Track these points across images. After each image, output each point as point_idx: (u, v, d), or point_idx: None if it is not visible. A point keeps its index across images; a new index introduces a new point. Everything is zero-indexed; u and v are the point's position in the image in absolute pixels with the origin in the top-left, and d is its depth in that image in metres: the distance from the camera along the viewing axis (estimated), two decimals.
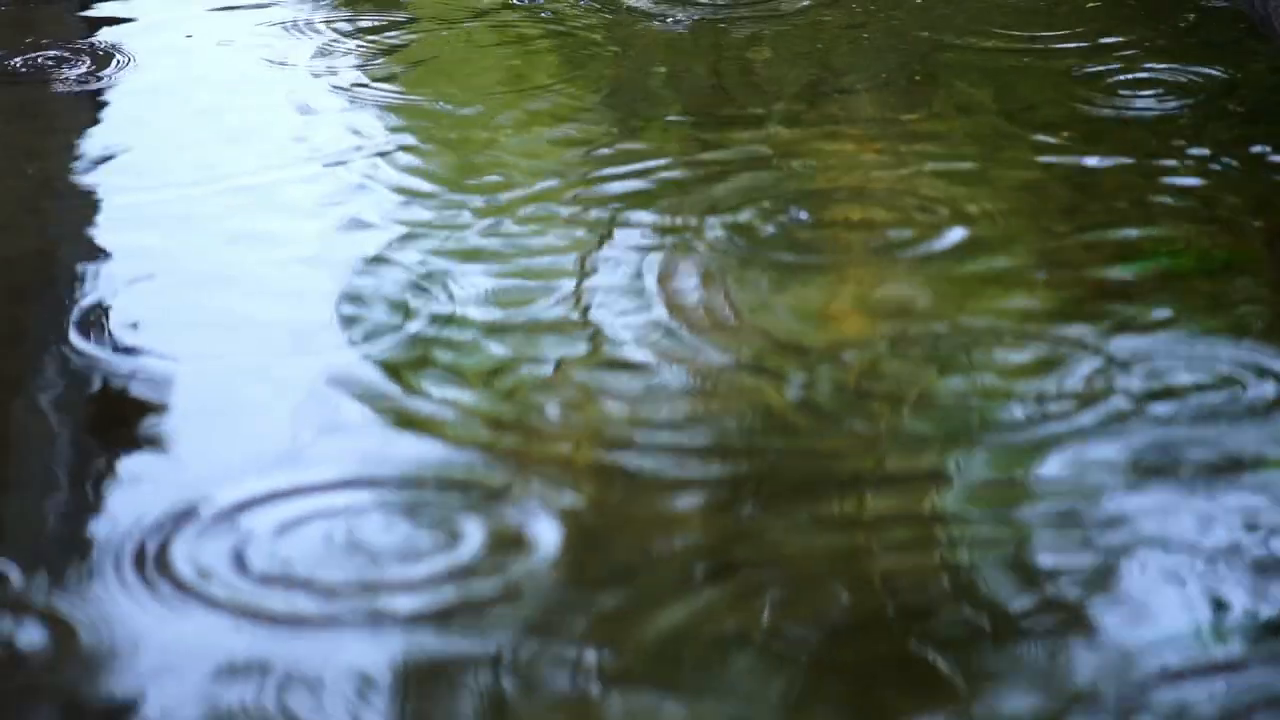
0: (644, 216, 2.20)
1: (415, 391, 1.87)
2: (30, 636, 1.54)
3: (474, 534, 1.64)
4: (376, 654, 1.51)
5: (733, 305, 2.03)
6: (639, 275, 2.07)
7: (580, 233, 2.18)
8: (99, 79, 2.72)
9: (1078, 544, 1.61)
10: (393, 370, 1.90)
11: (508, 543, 1.63)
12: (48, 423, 1.87)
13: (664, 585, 1.58)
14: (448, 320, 1.99)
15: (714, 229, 2.16)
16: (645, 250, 2.12)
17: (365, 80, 2.70)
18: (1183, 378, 1.82)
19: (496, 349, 1.95)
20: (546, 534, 1.64)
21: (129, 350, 1.98)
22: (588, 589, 1.58)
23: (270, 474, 1.74)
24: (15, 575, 1.62)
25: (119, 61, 2.78)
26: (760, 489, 1.72)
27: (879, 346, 1.92)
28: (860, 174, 2.32)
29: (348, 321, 2.00)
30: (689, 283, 2.06)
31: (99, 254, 2.22)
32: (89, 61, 2.78)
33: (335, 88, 2.67)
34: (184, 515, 1.67)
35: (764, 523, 1.67)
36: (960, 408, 1.81)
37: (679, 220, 2.18)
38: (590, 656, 1.50)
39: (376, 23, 2.94)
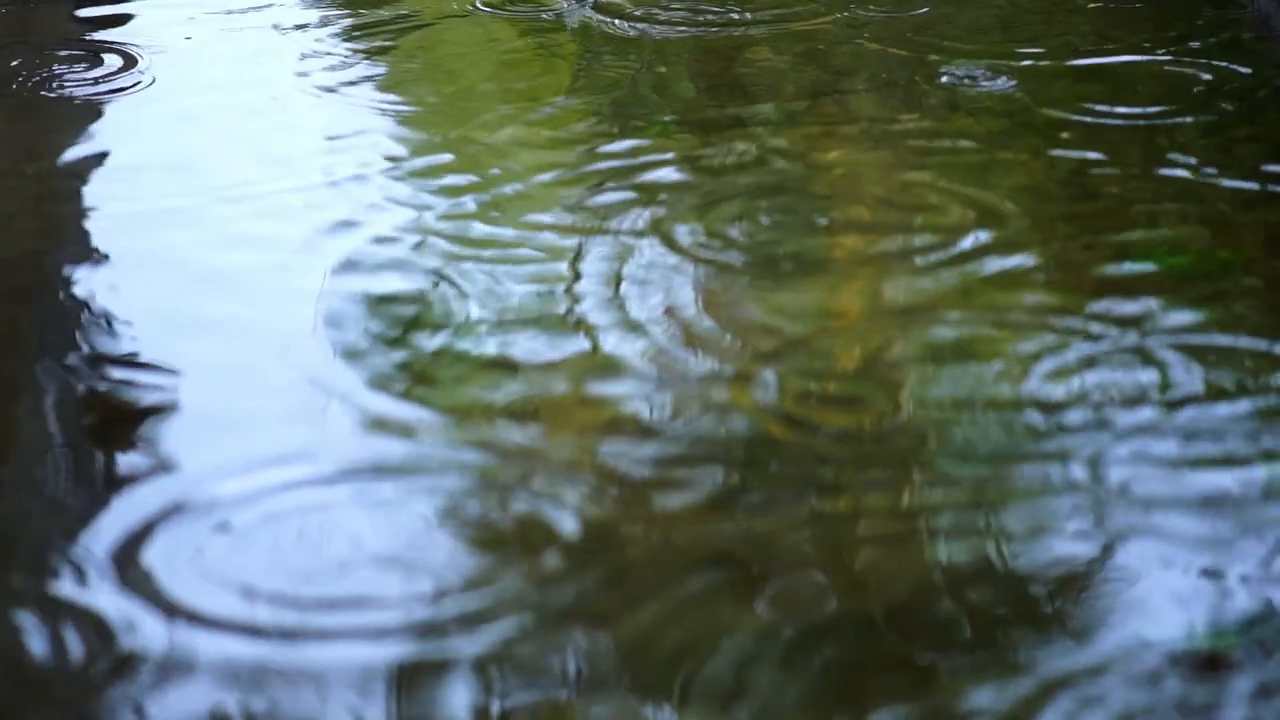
0: (642, 218, 2.20)
1: (410, 394, 1.87)
2: (30, 637, 1.54)
3: (474, 534, 1.65)
4: (378, 656, 1.52)
5: (730, 307, 2.03)
6: (637, 277, 2.07)
7: (576, 235, 2.18)
8: (98, 80, 2.72)
9: (1074, 540, 1.61)
10: (387, 374, 1.91)
11: (508, 541, 1.64)
12: (46, 423, 1.87)
13: (658, 581, 1.59)
14: (442, 324, 1.99)
15: (712, 230, 2.16)
16: (643, 252, 2.12)
17: (362, 83, 2.71)
18: (1182, 376, 1.83)
19: (491, 351, 1.95)
20: (544, 533, 1.65)
21: (126, 351, 1.99)
22: (584, 584, 1.58)
23: (270, 475, 1.74)
24: (14, 577, 1.62)
25: (118, 62, 2.78)
26: (756, 490, 1.72)
27: (879, 346, 1.92)
28: (859, 175, 2.32)
29: (343, 325, 2.00)
30: (686, 286, 2.06)
31: (98, 255, 2.22)
32: (88, 62, 2.78)
33: (335, 90, 2.68)
34: (183, 515, 1.68)
35: (759, 523, 1.67)
36: (961, 407, 1.81)
37: (677, 221, 2.18)
38: (580, 651, 1.51)
39: (372, 26, 2.95)
